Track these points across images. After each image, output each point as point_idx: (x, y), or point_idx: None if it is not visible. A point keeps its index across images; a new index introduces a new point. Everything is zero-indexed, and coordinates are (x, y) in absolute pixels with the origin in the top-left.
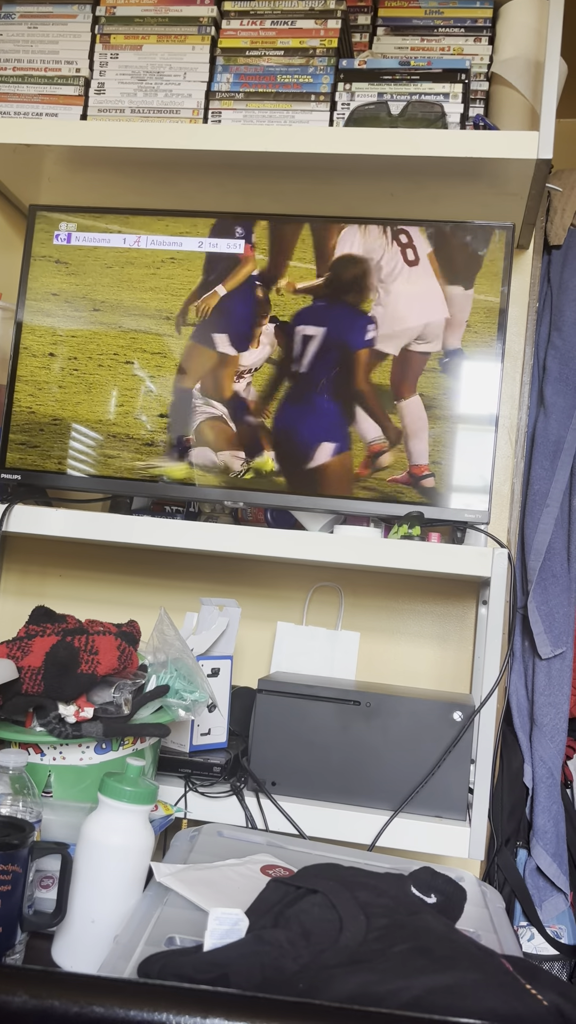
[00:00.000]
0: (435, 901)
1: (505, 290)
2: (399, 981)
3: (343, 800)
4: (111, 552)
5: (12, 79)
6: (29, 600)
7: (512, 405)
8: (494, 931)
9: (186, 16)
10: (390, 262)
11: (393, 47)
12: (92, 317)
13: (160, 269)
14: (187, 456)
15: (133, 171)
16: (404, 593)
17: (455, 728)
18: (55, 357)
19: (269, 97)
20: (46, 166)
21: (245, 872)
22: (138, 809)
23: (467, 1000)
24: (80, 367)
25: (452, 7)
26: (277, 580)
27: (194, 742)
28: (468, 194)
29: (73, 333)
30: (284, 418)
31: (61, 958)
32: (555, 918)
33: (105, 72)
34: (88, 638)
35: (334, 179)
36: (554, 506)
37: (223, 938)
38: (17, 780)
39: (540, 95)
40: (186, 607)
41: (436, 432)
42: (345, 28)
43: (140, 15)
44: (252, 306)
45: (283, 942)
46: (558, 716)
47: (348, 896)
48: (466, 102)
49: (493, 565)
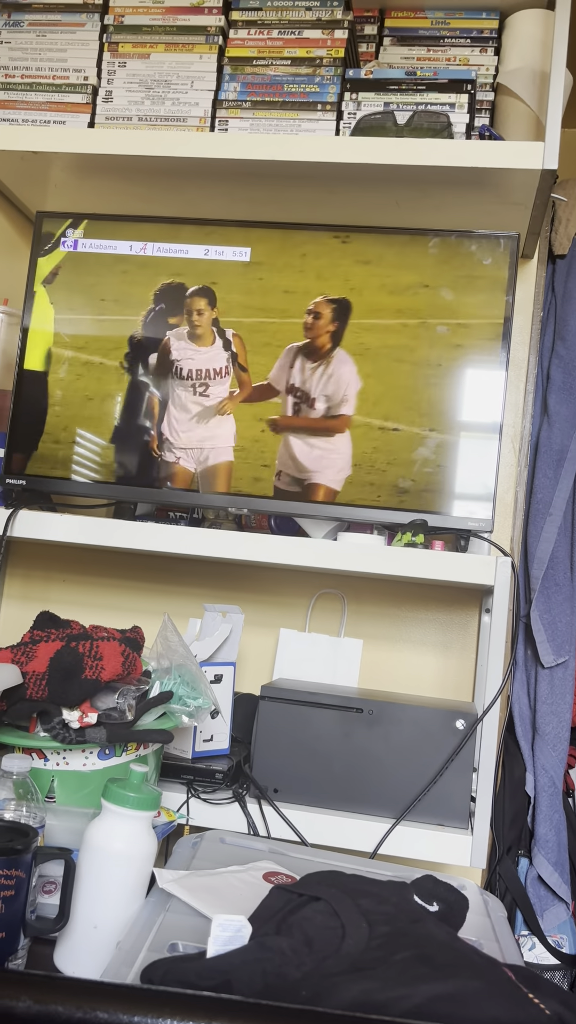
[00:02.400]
0: (437, 909)
1: (510, 299)
2: (401, 989)
3: (345, 808)
4: (115, 558)
5: (20, 87)
6: (33, 605)
7: (516, 414)
8: (496, 940)
9: (194, 25)
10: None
11: (399, 57)
12: (97, 323)
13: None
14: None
15: (140, 179)
16: (407, 601)
17: (457, 736)
18: (61, 363)
19: (276, 106)
20: (53, 173)
21: (247, 879)
22: (141, 815)
23: (469, 1008)
24: (85, 372)
25: (458, 18)
26: (280, 587)
27: (196, 748)
28: (473, 204)
29: (78, 338)
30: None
31: (63, 963)
32: (556, 927)
33: (113, 80)
34: (92, 644)
35: (340, 188)
36: (557, 515)
37: (226, 945)
38: (21, 785)
39: (545, 106)
40: (189, 613)
41: (441, 439)
42: (352, 38)
43: (148, 24)
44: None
45: (286, 949)
46: (560, 725)
47: (351, 904)
48: (472, 112)
49: (496, 573)
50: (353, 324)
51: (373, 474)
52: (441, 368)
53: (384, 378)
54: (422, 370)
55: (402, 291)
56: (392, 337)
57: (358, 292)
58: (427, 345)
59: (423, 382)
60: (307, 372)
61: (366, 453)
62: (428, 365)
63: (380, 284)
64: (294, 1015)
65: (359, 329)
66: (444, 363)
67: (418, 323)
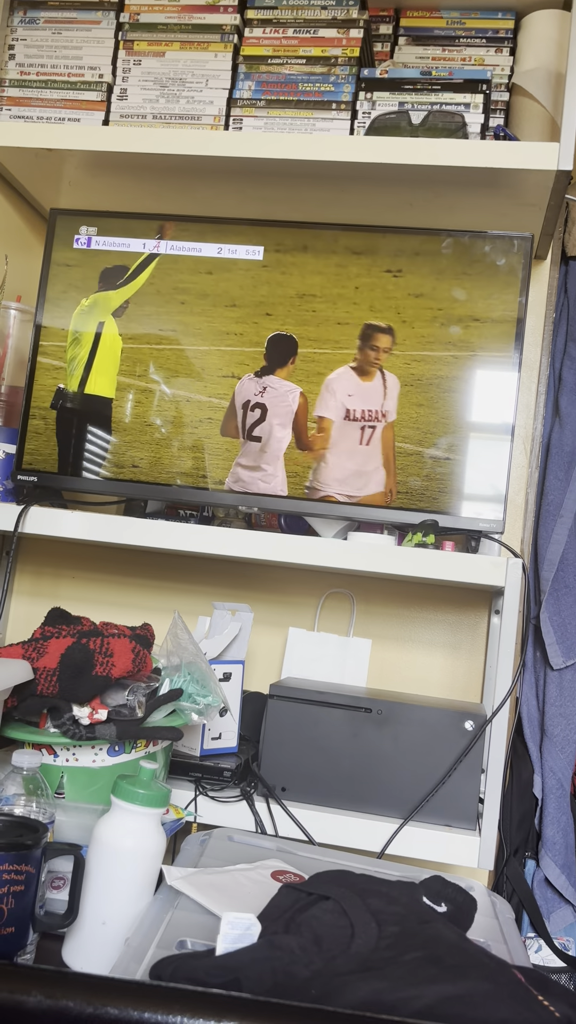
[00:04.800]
0: (445, 910)
1: (523, 300)
2: (411, 989)
3: (353, 807)
4: (125, 555)
5: (36, 84)
6: (42, 602)
7: (528, 415)
8: (504, 941)
9: (209, 24)
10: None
11: (414, 57)
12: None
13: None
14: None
15: (153, 177)
16: (416, 601)
17: (466, 737)
18: (75, 361)
19: (290, 105)
20: (67, 170)
21: (256, 877)
22: (151, 812)
23: (478, 1010)
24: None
25: (474, 18)
26: (289, 586)
27: (205, 746)
28: (486, 204)
29: (93, 336)
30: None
31: (72, 959)
32: (563, 930)
33: (128, 78)
34: (103, 640)
35: (353, 187)
36: (568, 516)
37: (235, 942)
38: (31, 781)
39: (561, 106)
40: (199, 611)
41: (452, 440)
42: (367, 37)
43: (163, 22)
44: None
45: (295, 948)
46: (569, 727)
47: (360, 903)
48: (487, 112)
49: (507, 575)
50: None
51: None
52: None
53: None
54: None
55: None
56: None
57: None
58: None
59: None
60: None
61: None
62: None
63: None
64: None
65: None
66: (457, 364)
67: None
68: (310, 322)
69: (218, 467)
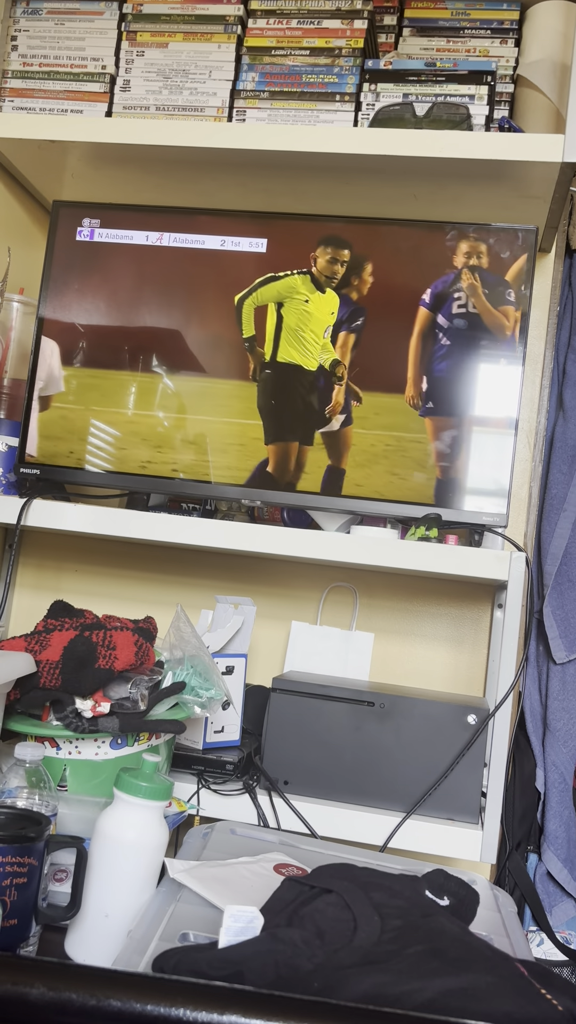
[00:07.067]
0: (448, 904)
1: (527, 293)
2: (414, 982)
3: (355, 800)
4: (127, 548)
5: (38, 75)
6: (45, 594)
7: (531, 409)
8: (506, 935)
9: (212, 15)
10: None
11: (419, 48)
12: (113, 313)
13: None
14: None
15: (156, 168)
16: (419, 595)
17: (469, 731)
18: (76, 353)
19: (294, 97)
20: (70, 162)
21: (258, 870)
22: (153, 805)
23: (481, 1003)
24: (100, 362)
25: (478, 9)
26: (292, 579)
27: (207, 739)
28: (491, 196)
29: (94, 329)
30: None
31: (74, 951)
32: (565, 923)
33: (131, 69)
34: (106, 633)
35: (357, 179)
36: (571, 510)
37: (238, 935)
38: (33, 773)
39: (566, 98)
40: (201, 604)
41: (456, 434)
42: (371, 28)
43: (167, 13)
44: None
45: (298, 941)
46: (571, 721)
47: (362, 896)
48: (491, 104)
49: (511, 569)
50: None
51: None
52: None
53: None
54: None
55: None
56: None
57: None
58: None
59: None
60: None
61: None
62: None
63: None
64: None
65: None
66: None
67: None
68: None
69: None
